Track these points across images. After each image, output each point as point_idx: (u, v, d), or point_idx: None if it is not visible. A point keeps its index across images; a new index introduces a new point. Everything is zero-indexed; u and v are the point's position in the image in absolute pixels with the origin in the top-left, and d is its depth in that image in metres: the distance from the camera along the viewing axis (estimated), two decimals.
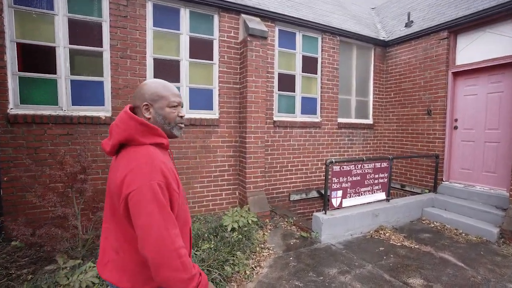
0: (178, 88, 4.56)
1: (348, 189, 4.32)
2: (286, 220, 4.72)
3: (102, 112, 4.08)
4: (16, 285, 2.68)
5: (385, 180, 4.70)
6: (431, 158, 5.53)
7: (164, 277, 1.03)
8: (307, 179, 5.84)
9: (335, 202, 4.21)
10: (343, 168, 4.24)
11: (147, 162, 1.08)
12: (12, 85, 3.61)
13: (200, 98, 4.78)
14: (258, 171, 4.87)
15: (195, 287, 1.07)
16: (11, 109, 3.61)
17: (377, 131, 6.76)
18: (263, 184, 5.00)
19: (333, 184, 4.14)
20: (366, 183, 4.50)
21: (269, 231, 4.35)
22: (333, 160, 4.08)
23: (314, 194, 5.91)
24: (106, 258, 1.22)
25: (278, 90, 5.41)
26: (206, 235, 3.74)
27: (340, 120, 6.14)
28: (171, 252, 1.03)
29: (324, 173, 5.36)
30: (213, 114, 4.86)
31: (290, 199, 5.66)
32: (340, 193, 4.25)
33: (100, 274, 1.23)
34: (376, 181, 4.61)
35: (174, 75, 4.54)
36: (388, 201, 4.74)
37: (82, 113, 3.94)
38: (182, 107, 1.33)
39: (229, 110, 4.93)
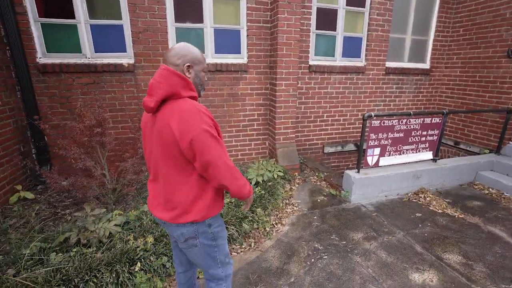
0: (202, 29, 4.15)
1: (388, 147, 3.84)
2: (316, 174, 4.50)
3: (125, 59, 3.93)
4: (59, 224, 2.99)
5: (435, 137, 4.06)
6: (501, 113, 4.58)
7: (235, 187, 1.37)
8: (344, 131, 5.38)
9: (370, 160, 3.81)
10: (383, 123, 3.70)
11: (195, 111, 1.25)
12: (36, 32, 3.56)
13: (227, 41, 4.32)
14: (288, 122, 4.54)
15: (249, 188, 1.47)
16: (40, 58, 3.63)
17: (434, 78, 5.71)
18: (294, 135, 4.69)
19: (370, 141, 3.69)
20: (410, 140, 3.94)
21: (297, 185, 4.21)
22: (372, 114, 3.55)
23: (351, 147, 5.49)
24: (157, 201, 1.45)
25: (316, 29, 4.65)
26: None
27: (388, 64, 5.25)
28: (233, 170, 1.34)
29: None
30: (241, 59, 4.43)
31: (324, 152, 5.34)
32: (377, 150, 3.80)
33: (152, 213, 1.49)
34: (423, 139, 4.01)
35: (197, 14, 4.08)
36: (435, 161, 4.17)
37: (105, 61, 3.83)
38: None
39: (258, 53, 4.45)
